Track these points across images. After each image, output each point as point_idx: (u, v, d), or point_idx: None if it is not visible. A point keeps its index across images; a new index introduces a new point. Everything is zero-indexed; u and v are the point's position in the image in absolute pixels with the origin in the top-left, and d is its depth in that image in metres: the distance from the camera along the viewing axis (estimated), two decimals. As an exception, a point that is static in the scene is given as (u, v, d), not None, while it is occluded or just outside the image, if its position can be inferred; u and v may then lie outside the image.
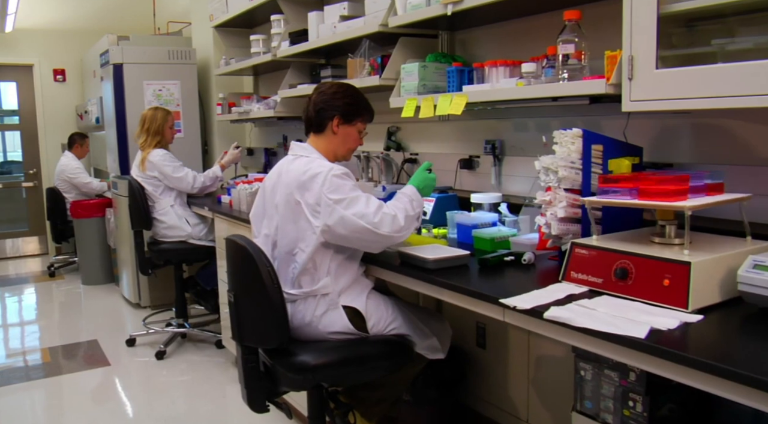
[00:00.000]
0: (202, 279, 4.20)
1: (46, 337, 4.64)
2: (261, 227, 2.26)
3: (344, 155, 2.26)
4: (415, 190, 2.16)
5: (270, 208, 2.19)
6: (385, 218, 1.97)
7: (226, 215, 3.55)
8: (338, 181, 2.01)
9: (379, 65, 2.91)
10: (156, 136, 4.05)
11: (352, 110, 2.20)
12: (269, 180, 2.24)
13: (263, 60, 3.98)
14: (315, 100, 2.19)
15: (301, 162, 2.11)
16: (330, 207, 1.98)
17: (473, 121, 2.89)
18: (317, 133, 2.21)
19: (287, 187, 2.08)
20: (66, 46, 7.27)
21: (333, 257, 2.06)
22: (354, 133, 2.24)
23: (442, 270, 1.98)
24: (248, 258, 1.95)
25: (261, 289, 1.93)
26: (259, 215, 2.28)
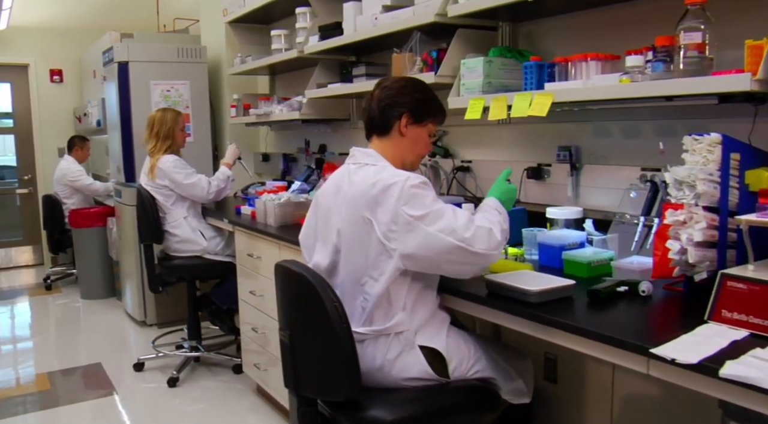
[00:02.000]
0: (217, 297, 3.82)
1: (42, 360, 4.25)
2: (313, 253, 1.90)
3: (413, 162, 1.91)
4: (499, 203, 1.82)
5: (326, 229, 1.83)
6: (479, 232, 1.62)
7: (247, 228, 3.18)
8: (418, 192, 1.65)
9: (433, 61, 2.56)
10: (166, 140, 3.67)
11: (422, 108, 1.85)
12: (325, 195, 1.87)
13: (287, 57, 3.62)
14: (379, 96, 1.83)
15: (369, 172, 1.75)
16: (410, 225, 1.62)
17: (541, 124, 2.54)
18: (381, 135, 1.85)
19: (353, 203, 1.72)
20: (63, 45, 6.88)
21: (410, 286, 1.70)
22: (424, 135, 1.88)
23: (544, 304, 1.63)
24: (309, 291, 1.59)
25: (326, 329, 1.57)
26: (310, 238, 1.92)
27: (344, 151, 3.83)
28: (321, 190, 1.92)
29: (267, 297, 3.05)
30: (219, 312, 3.86)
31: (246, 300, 3.30)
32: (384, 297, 1.68)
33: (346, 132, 3.84)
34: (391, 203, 1.64)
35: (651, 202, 2.04)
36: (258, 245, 3.08)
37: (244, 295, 3.31)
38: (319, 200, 1.90)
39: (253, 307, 3.21)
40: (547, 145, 2.53)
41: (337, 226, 1.77)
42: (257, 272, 3.12)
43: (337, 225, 1.77)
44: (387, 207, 1.65)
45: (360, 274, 1.71)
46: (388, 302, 1.68)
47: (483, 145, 2.84)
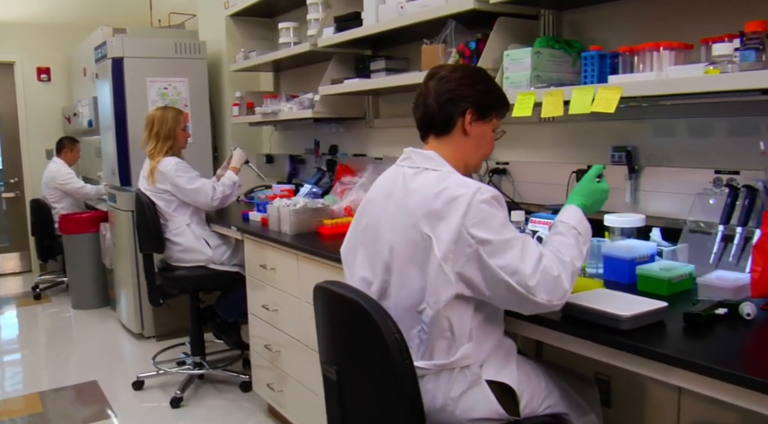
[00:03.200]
0: (222, 310, 3.55)
1: (31, 377, 3.96)
2: (355, 269, 1.64)
3: (476, 165, 1.67)
4: (582, 214, 1.57)
5: (375, 243, 1.58)
6: (545, 279, 1.37)
7: (259, 236, 2.92)
8: (487, 210, 1.40)
9: (472, 52, 2.31)
10: (167, 140, 3.40)
11: (487, 101, 1.59)
12: (373, 203, 1.62)
13: (298, 51, 3.36)
14: (436, 89, 1.57)
15: (429, 179, 1.50)
16: (470, 248, 1.38)
17: (589, 122, 2.31)
18: (441, 135, 1.60)
19: (409, 215, 1.47)
20: (51, 41, 6.57)
21: (474, 313, 1.45)
22: (489, 133, 1.63)
23: (635, 330, 1.39)
24: (363, 319, 1.34)
25: (384, 365, 1.32)
26: (352, 251, 1.67)
27: (359, 152, 3.58)
28: (368, 197, 1.67)
29: (282, 312, 2.79)
30: (224, 326, 3.59)
31: (257, 314, 3.04)
32: (446, 327, 1.43)
33: (361, 131, 3.58)
34: (455, 219, 1.39)
35: (731, 209, 1.82)
36: (271, 254, 2.83)
37: (255, 309, 3.05)
38: (366, 208, 1.65)
39: (265, 322, 2.95)
40: (597, 146, 2.30)
41: (390, 241, 1.51)
42: (271, 284, 2.86)
43: (389, 240, 1.52)
44: (450, 223, 1.39)
45: (417, 299, 1.45)
46: (451, 332, 1.43)
47: (521, 145, 2.60)
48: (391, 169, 1.65)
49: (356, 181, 3.07)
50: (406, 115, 3.29)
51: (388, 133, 3.39)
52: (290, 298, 2.69)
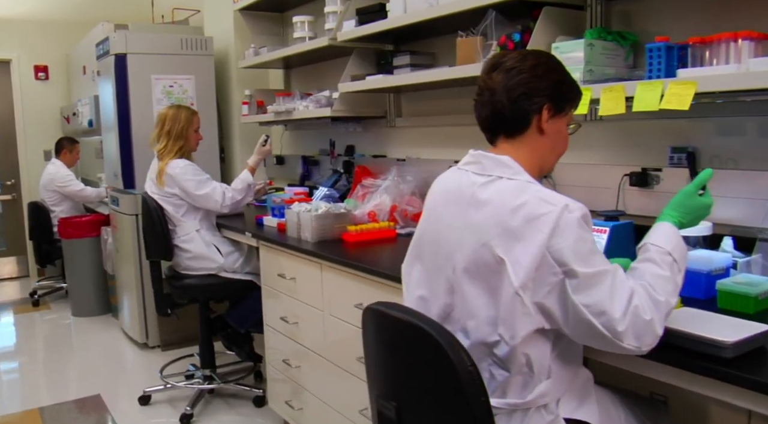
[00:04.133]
0: (234, 320, 3.35)
1: (30, 391, 3.75)
2: (411, 283, 1.45)
3: (551, 167, 1.48)
4: (679, 238, 1.34)
5: (434, 256, 1.39)
6: (635, 323, 1.17)
7: (277, 243, 2.72)
8: (577, 232, 1.21)
9: (515, 45, 2.13)
10: (178, 140, 3.20)
11: (563, 91, 1.39)
12: (432, 212, 1.43)
13: (315, 45, 3.17)
14: (506, 83, 1.35)
15: (506, 189, 1.30)
16: (555, 277, 1.19)
17: (644, 121, 2.12)
18: (513, 135, 1.39)
19: (480, 231, 1.28)
20: (49, 39, 6.37)
21: (554, 346, 1.26)
22: (564, 129, 1.43)
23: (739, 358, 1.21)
24: (432, 350, 1.15)
25: (455, 403, 1.13)
26: (409, 264, 1.48)
27: (378, 152, 3.39)
28: (428, 206, 1.48)
29: (303, 325, 2.60)
30: (236, 337, 3.39)
31: (274, 327, 2.85)
32: (523, 363, 1.24)
33: (381, 131, 3.39)
34: (537, 242, 1.20)
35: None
36: (291, 263, 2.63)
37: (272, 320, 2.86)
38: (423, 218, 1.46)
39: (283, 335, 2.76)
40: (652, 146, 2.12)
41: (454, 260, 1.32)
42: (290, 295, 2.66)
43: (453, 258, 1.32)
44: (531, 246, 1.20)
45: (487, 331, 1.26)
46: (528, 368, 1.24)
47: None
48: (452, 174, 1.45)
49: (379, 184, 2.88)
50: (430, 113, 3.16)
51: (410, 133, 3.20)
52: (312, 310, 2.50)
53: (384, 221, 2.73)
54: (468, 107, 2.77)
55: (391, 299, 2.03)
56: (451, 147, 2.95)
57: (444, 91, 2.95)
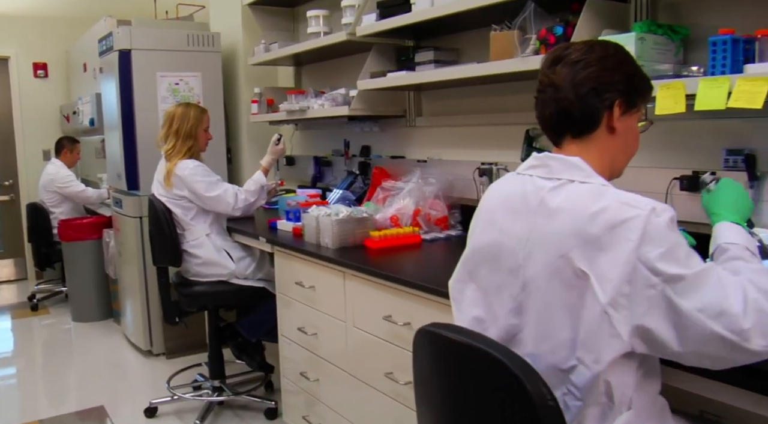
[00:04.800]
0: (245, 328, 3.20)
1: (30, 402, 3.60)
2: (463, 301, 1.31)
3: (621, 170, 1.34)
4: (748, 235, 1.28)
5: (493, 273, 1.24)
6: (760, 317, 1.03)
7: (294, 249, 2.57)
8: (670, 236, 1.07)
9: (557, 38, 1.98)
10: (187, 140, 3.05)
11: (635, 85, 1.26)
12: (490, 223, 1.28)
13: (332, 41, 3.01)
14: (572, 76, 1.22)
15: (580, 194, 1.15)
16: (653, 289, 1.05)
17: (694, 121, 1.97)
18: (581, 135, 1.25)
19: (555, 241, 1.13)
20: (48, 36, 6.21)
21: (636, 372, 1.12)
22: (635, 126, 1.30)
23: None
24: (504, 380, 1.00)
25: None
26: (460, 281, 1.33)
27: (397, 153, 3.24)
28: (483, 217, 1.32)
29: (323, 336, 2.45)
30: (246, 346, 3.23)
31: (290, 337, 2.70)
32: (602, 391, 1.09)
33: (399, 131, 3.24)
34: (625, 250, 1.05)
35: None
36: (310, 270, 2.48)
37: (288, 331, 2.71)
38: (479, 230, 1.31)
39: (300, 346, 2.61)
40: (704, 148, 1.97)
41: (523, 276, 1.18)
42: (308, 304, 2.51)
43: (521, 274, 1.18)
44: (618, 256, 1.06)
45: (564, 354, 1.12)
46: (608, 397, 1.09)
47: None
48: (511, 180, 1.31)
49: (401, 186, 2.73)
50: (453, 112, 3.01)
51: (431, 133, 3.05)
52: (334, 321, 2.35)
53: (407, 225, 2.59)
54: (494, 106, 2.63)
55: (425, 311, 1.89)
56: (476, 148, 2.80)
57: (468, 89, 2.81)
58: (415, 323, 1.94)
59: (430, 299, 1.87)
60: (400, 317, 2.00)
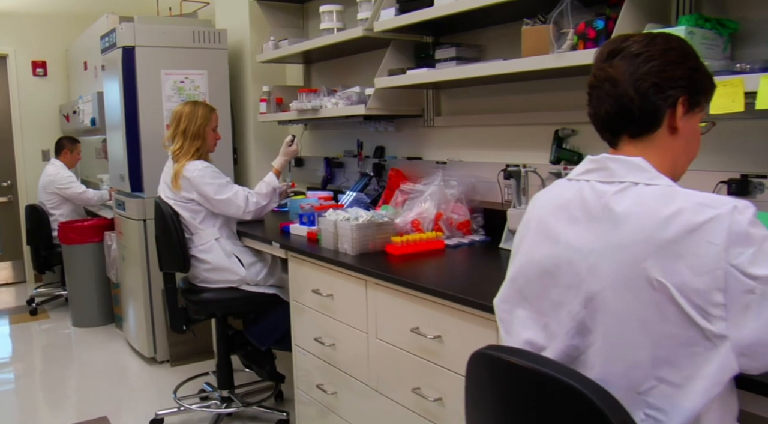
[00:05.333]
0: (254, 336, 3.07)
1: (30, 412, 3.46)
2: (513, 323, 1.18)
3: (681, 174, 1.22)
4: None
5: (548, 289, 1.12)
6: None
7: (311, 256, 2.44)
8: (757, 235, 0.97)
9: (597, 33, 1.86)
10: (195, 140, 2.92)
11: (699, 82, 1.15)
12: (543, 234, 1.16)
13: (349, 36, 2.88)
14: (632, 70, 1.10)
15: (649, 196, 1.04)
16: (748, 296, 0.95)
17: (746, 120, 1.85)
18: (640, 135, 1.14)
19: (625, 250, 1.02)
20: (47, 33, 6.07)
21: (721, 394, 1.00)
22: (697, 127, 1.19)
23: None
24: (579, 408, 0.88)
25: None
26: (508, 300, 1.21)
27: (413, 154, 3.12)
28: (532, 229, 1.20)
29: (341, 347, 2.32)
30: (256, 354, 3.11)
31: (305, 347, 2.57)
32: (688, 417, 0.97)
33: (416, 131, 3.11)
34: (710, 256, 0.95)
35: None
36: (328, 278, 2.36)
37: (303, 341, 2.58)
38: (527, 242, 1.18)
39: (317, 357, 2.48)
40: (753, 149, 1.85)
41: (587, 290, 1.05)
42: (326, 313, 2.39)
43: (584, 290, 1.06)
44: (701, 262, 0.95)
45: (640, 376, 1.00)
46: (695, 418, 0.97)
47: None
48: (564, 187, 1.18)
49: (421, 189, 2.61)
50: (474, 111, 2.88)
51: (451, 133, 2.93)
52: (354, 332, 2.23)
53: (429, 230, 2.46)
54: (520, 105, 2.49)
55: (457, 324, 1.77)
56: (499, 149, 2.68)
57: (491, 88, 2.69)
58: (446, 337, 1.82)
59: (464, 311, 1.75)
60: (429, 329, 1.87)
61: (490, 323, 1.67)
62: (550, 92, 2.42)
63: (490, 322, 1.67)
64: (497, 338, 1.66)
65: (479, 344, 1.71)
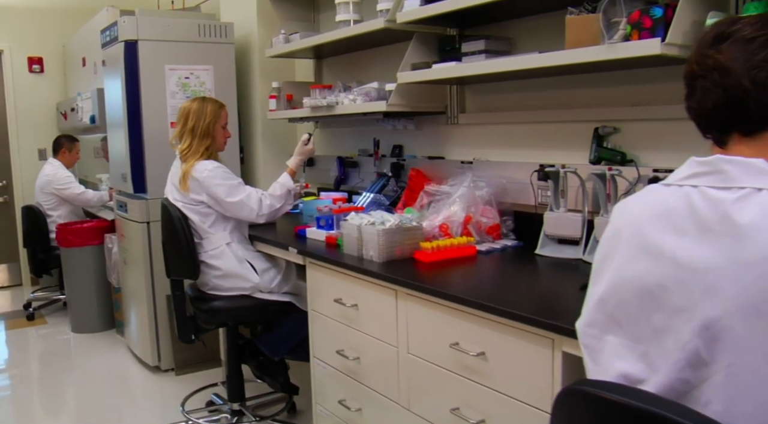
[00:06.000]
0: (267, 346, 2.91)
1: (26, 422, 3.28)
2: (603, 352, 1.02)
3: None
4: None
5: (649, 314, 0.96)
6: None
7: (333, 263, 2.28)
8: None
9: (654, 23, 1.70)
10: (204, 139, 2.76)
11: None
12: (650, 253, 0.98)
13: (369, 28, 2.70)
14: (747, 58, 0.95)
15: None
16: None
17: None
18: (754, 132, 0.98)
19: (755, 267, 0.85)
20: (44, 28, 5.89)
21: None
22: None
23: None
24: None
25: None
26: (594, 325, 1.04)
27: (435, 153, 2.96)
28: (629, 240, 1.03)
29: (367, 361, 2.16)
30: (269, 365, 2.94)
31: (325, 360, 2.41)
32: None
33: (438, 129, 2.95)
34: None
35: None
36: (352, 287, 2.19)
37: (323, 353, 2.41)
38: (630, 260, 1.02)
39: (338, 371, 2.32)
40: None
41: (702, 316, 0.89)
42: (350, 325, 2.22)
43: (699, 314, 0.89)
44: None
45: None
46: None
47: (698, 148, 1.98)
48: (665, 193, 1.02)
49: (448, 190, 2.45)
50: (501, 108, 2.70)
51: (476, 131, 2.77)
52: (382, 345, 2.07)
53: (458, 235, 2.30)
54: (554, 101, 2.31)
55: (502, 340, 1.60)
56: (530, 148, 2.52)
57: (522, 83, 2.52)
58: (490, 354, 1.66)
59: (511, 326, 1.59)
60: (470, 345, 1.71)
61: (543, 341, 1.51)
62: (588, 88, 2.27)
63: (543, 339, 1.51)
64: (552, 356, 1.50)
65: (529, 364, 1.57)
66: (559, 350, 1.48)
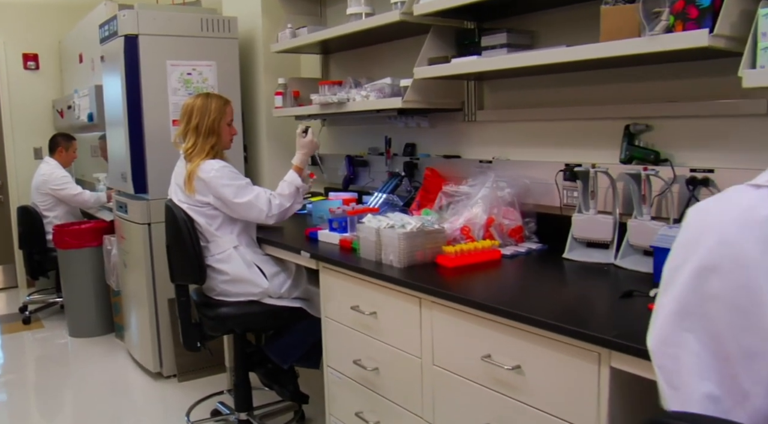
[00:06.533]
0: (276, 353, 2.79)
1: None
2: (680, 371, 0.90)
3: None
4: None
5: (740, 332, 0.84)
6: None
7: (353, 269, 2.15)
8: None
9: (701, 12, 1.58)
10: (209, 137, 2.63)
11: None
12: (736, 263, 0.87)
13: (384, 21, 2.58)
14: None
15: None
16: None
17: None
18: None
19: None
20: (39, 24, 5.75)
21: None
22: None
23: None
24: None
25: None
26: (679, 343, 0.92)
27: (451, 152, 2.84)
28: (712, 246, 0.91)
29: (386, 372, 2.05)
30: (278, 373, 2.83)
31: (340, 370, 2.29)
32: None
33: (454, 127, 2.83)
34: None
35: None
36: (370, 294, 2.08)
37: (338, 363, 2.29)
38: (715, 272, 0.90)
39: (356, 382, 2.20)
40: None
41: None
42: (368, 334, 2.11)
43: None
44: None
45: None
46: None
47: (730, 146, 1.88)
48: (757, 195, 0.90)
49: (468, 191, 2.33)
50: (522, 105, 2.52)
51: (495, 129, 2.65)
52: (404, 356, 1.95)
53: (480, 238, 2.19)
54: (580, 97, 2.20)
55: (539, 352, 1.48)
56: (554, 146, 2.40)
57: (545, 78, 2.41)
58: (527, 368, 1.55)
59: (550, 338, 1.47)
60: (504, 357, 1.60)
61: (588, 354, 1.40)
62: (618, 83, 2.15)
63: (588, 353, 1.40)
64: (598, 371, 1.39)
65: (572, 379, 1.45)
66: (606, 366, 1.37)
